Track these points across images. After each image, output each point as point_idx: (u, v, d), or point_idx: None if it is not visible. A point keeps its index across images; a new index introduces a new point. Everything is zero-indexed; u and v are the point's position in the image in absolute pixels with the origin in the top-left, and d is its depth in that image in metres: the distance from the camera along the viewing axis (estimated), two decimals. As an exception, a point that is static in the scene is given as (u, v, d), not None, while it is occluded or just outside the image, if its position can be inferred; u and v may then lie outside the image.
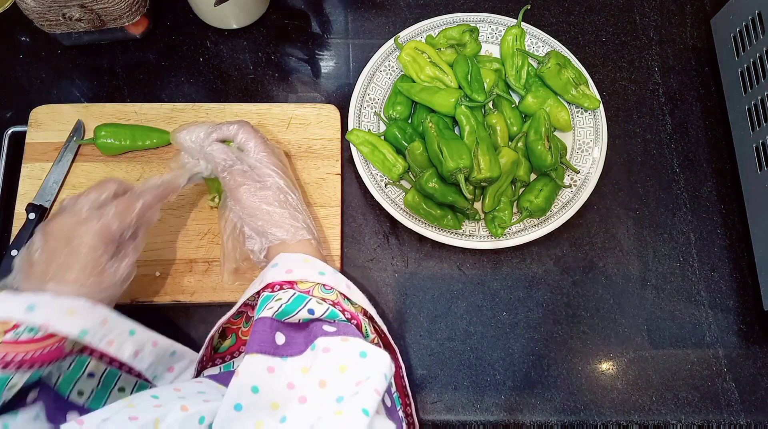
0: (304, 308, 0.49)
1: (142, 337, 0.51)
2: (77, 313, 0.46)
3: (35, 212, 0.63)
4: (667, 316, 0.67)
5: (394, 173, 0.67)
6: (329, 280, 0.53)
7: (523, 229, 0.66)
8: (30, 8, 0.65)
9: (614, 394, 0.64)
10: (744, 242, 0.70)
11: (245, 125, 0.61)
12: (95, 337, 0.47)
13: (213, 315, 0.64)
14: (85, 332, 0.46)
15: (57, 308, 0.46)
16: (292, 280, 0.52)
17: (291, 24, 0.78)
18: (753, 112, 0.68)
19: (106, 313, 0.48)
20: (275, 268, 0.53)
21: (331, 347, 0.46)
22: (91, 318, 0.47)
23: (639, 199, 0.72)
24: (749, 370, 0.65)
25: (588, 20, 0.80)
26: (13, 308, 0.45)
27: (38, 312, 0.45)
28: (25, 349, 0.44)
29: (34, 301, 0.45)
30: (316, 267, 0.54)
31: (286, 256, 0.54)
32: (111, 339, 0.48)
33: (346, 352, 0.46)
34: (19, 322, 0.45)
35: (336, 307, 0.51)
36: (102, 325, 0.47)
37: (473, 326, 0.66)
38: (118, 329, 0.49)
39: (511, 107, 0.70)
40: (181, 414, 0.40)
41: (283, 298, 0.50)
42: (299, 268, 0.53)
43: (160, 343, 0.52)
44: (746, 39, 0.69)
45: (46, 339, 0.46)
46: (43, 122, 0.68)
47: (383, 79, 0.72)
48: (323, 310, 0.50)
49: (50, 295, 0.46)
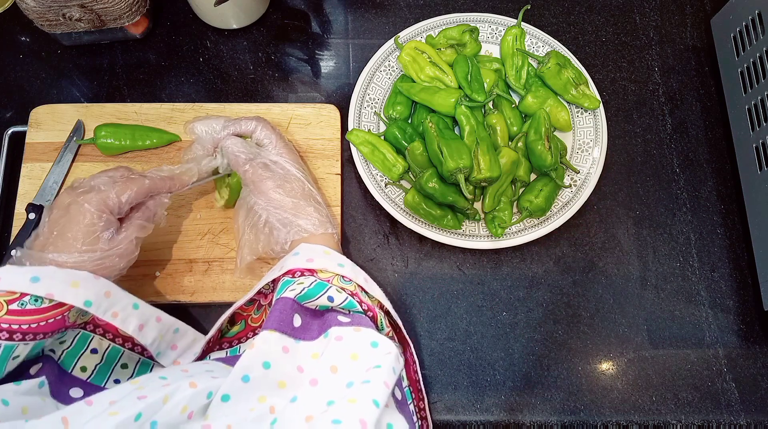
0: (324, 295, 0.51)
1: (146, 312, 0.52)
2: (80, 284, 0.47)
3: (35, 212, 0.63)
4: (667, 316, 0.67)
5: (394, 173, 0.67)
6: (348, 271, 0.55)
7: (523, 229, 0.66)
8: (30, 8, 0.65)
9: (614, 394, 0.64)
10: (744, 242, 0.70)
11: (263, 121, 0.62)
12: (100, 309, 0.48)
13: (213, 315, 0.64)
14: (89, 303, 0.47)
15: (61, 279, 0.47)
16: (313, 268, 0.53)
17: (291, 24, 0.78)
18: (753, 112, 0.68)
19: (109, 286, 0.49)
20: (296, 256, 0.54)
21: (344, 336, 0.47)
22: (93, 290, 0.48)
23: (639, 199, 0.72)
24: (749, 370, 0.65)
25: (588, 20, 0.80)
26: (18, 279, 0.46)
27: (42, 283, 0.46)
28: (29, 319, 0.45)
29: (37, 273, 0.46)
30: (336, 259, 0.55)
31: (306, 247, 0.55)
32: (115, 311, 0.49)
33: (359, 340, 0.47)
34: (24, 293, 0.46)
35: (354, 297, 0.53)
36: (105, 297, 0.49)
37: (473, 326, 0.66)
38: (122, 302, 0.50)
39: (511, 107, 0.71)
40: (190, 390, 0.41)
41: (305, 283, 0.51)
42: (320, 258, 0.54)
43: (163, 319, 0.53)
44: (746, 39, 0.69)
45: (51, 310, 0.47)
46: (43, 122, 0.68)
47: (383, 79, 0.72)
48: (342, 298, 0.51)
49: (53, 267, 0.48)
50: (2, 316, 0.44)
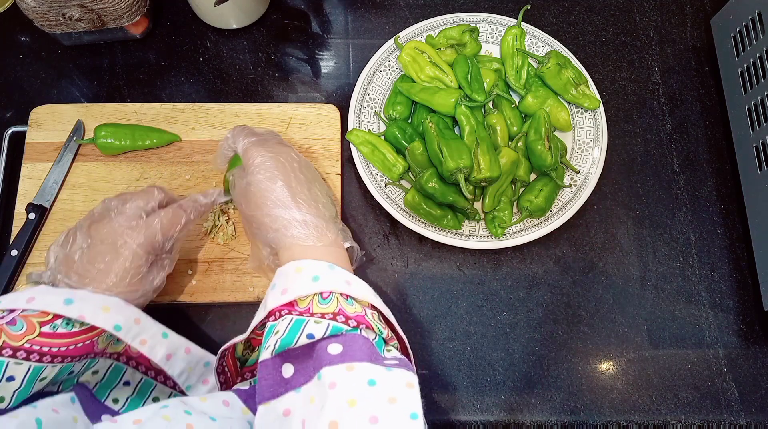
0: (302, 334, 0.46)
1: (175, 342, 0.52)
2: (111, 309, 0.48)
3: (35, 212, 0.63)
4: (667, 316, 0.67)
5: (394, 173, 0.67)
6: (324, 284, 0.49)
7: (523, 229, 0.66)
8: (30, 8, 0.65)
9: (614, 394, 0.64)
10: (744, 242, 0.70)
11: (235, 130, 0.59)
12: (129, 334, 0.48)
13: (213, 315, 0.64)
14: (118, 327, 0.47)
15: (93, 302, 0.48)
16: (290, 300, 0.48)
17: (291, 24, 0.78)
18: (753, 112, 0.68)
19: (138, 313, 0.50)
20: (273, 290, 0.50)
21: (337, 381, 0.43)
22: (124, 315, 0.49)
23: (639, 199, 0.72)
24: (749, 370, 0.65)
25: (588, 20, 0.80)
26: (52, 301, 0.46)
27: (75, 305, 0.46)
28: (60, 342, 0.46)
29: (71, 295, 0.47)
30: (311, 272, 0.50)
31: (280, 272, 0.52)
32: (144, 338, 0.50)
33: (353, 383, 0.43)
34: (57, 314, 0.46)
35: (337, 317, 0.48)
36: (135, 323, 0.49)
37: (473, 326, 0.66)
38: (151, 330, 0.50)
39: (511, 107, 0.70)
40: None
41: (280, 330, 0.47)
42: (293, 284, 0.49)
43: (192, 351, 0.53)
44: (746, 39, 0.69)
45: (81, 334, 0.47)
46: (43, 122, 0.68)
47: (383, 79, 0.72)
48: (323, 329, 0.46)
49: (86, 291, 0.48)
50: (34, 338, 0.45)
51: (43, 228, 0.64)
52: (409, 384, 0.43)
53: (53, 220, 0.65)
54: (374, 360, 0.45)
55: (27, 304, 0.46)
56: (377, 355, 0.46)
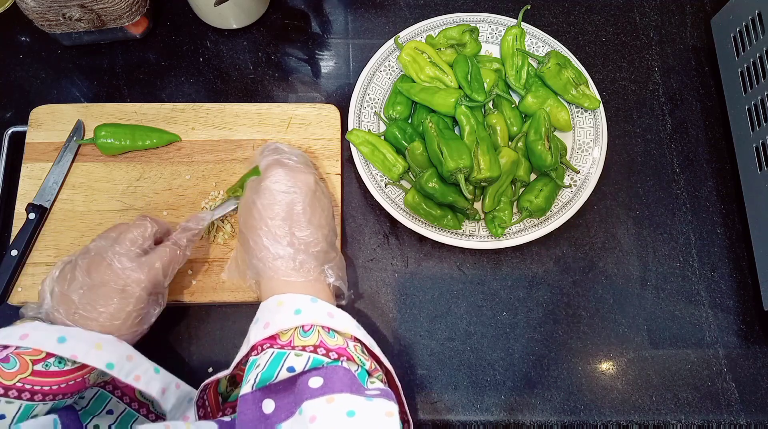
0: (283, 367, 0.47)
1: (166, 377, 0.52)
2: (104, 347, 0.48)
3: (35, 212, 0.63)
4: (667, 316, 0.67)
5: (394, 173, 0.67)
6: (306, 318, 0.49)
7: (523, 229, 0.66)
8: (30, 8, 0.65)
9: (614, 394, 0.64)
10: (744, 242, 0.70)
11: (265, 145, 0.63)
12: (122, 371, 0.48)
13: (213, 315, 0.64)
14: (111, 365, 0.47)
15: (86, 340, 0.48)
16: (272, 333, 0.49)
17: (291, 24, 0.78)
18: (753, 112, 0.68)
19: (131, 350, 0.50)
20: (256, 324, 0.51)
21: (317, 415, 0.43)
22: (116, 353, 0.49)
23: (639, 199, 0.72)
24: (749, 370, 0.65)
25: (588, 20, 0.80)
26: (46, 338, 0.46)
27: (68, 344, 0.46)
28: (52, 381, 0.46)
29: (64, 333, 0.47)
30: (292, 306, 0.50)
31: (263, 307, 0.52)
32: (138, 374, 0.49)
33: (332, 414, 0.43)
34: (50, 353, 0.46)
35: (318, 350, 0.48)
36: (128, 360, 0.49)
37: (473, 326, 0.66)
38: (143, 366, 0.50)
39: (511, 107, 0.70)
40: None
41: (261, 363, 0.48)
42: (275, 317, 0.50)
43: (182, 386, 0.53)
44: (746, 39, 0.69)
45: (73, 372, 0.47)
46: (43, 122, 0.68)
47: (383, 79, 0.72)
48: (303, 362, 0.47)
49: (80, 329, 0.48)
50: (26, 377, 0.45)
51: (43, 228, 0.64)
52: (389, 413, 0.43)
53: (53, 220, 0.65)
54: (355, 391, 0.45)
55: (20, 342, 0.45)
56: (358, 386, 0.46)
